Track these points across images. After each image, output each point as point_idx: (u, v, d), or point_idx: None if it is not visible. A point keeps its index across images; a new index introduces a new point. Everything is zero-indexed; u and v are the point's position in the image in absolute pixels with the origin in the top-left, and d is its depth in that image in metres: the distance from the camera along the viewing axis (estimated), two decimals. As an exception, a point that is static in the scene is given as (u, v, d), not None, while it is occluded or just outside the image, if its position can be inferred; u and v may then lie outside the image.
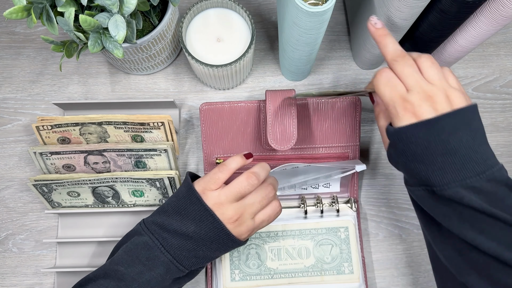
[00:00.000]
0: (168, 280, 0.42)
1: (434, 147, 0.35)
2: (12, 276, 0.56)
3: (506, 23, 0.46)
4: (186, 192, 0.43)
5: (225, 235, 0.42)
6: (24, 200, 0.58)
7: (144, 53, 0.54)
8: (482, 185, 0.35)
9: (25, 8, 0.41)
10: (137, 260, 0.41)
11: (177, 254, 0.42)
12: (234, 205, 0.43)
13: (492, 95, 0.62)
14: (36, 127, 0.53)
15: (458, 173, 0.35)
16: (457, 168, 0.35)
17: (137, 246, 0.42)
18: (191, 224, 0.42)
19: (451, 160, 0.35)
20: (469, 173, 0.35)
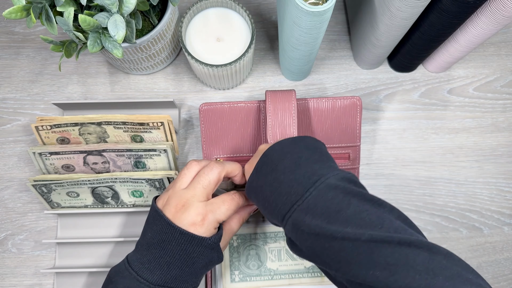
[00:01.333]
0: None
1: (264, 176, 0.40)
2: (11, 277, 0.56)
3: (506, 23, 0.46)
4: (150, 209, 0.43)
5: (169, 227, 0.39)
6: (23, 200, 0.58)
7: (143, 53, 0.53)
8: (310, 204, 0.35)
9: (24, 8, 0.40)
10: (109, 280, 0.41)
11: (138, 267, 0.39)
12: (179, 195, 0.41)
13: (492, 95, 0.62)
14: (35, 127, 0.53)
15: (286, 203, 0.37)
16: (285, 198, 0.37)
17: (114, 268, 0.42)
18: (148, 231, 0.41)
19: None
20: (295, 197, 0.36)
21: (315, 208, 0.35)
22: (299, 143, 0.40)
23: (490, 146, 0.60)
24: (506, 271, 0.57)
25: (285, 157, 0.39)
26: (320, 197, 0.35)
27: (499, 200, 0.59)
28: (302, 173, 0.37)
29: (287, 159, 0.38)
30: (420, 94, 0.62)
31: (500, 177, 0.59)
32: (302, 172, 0.37)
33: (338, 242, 0.32)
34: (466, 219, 0.58)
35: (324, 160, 0.39)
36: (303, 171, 0.37)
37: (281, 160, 0.39)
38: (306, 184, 0.36)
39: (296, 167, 0.37)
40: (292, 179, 0.37)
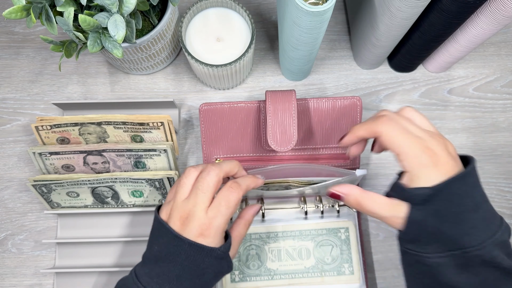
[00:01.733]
0: None
1: (466, 203, 0.33)
2: (11, 277, 0.56)
3: (507, 22, 0.46)
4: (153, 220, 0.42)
5: (177, 239, 0.38)
6: (23, 200, 0.58)
7: (143, 53, 0.53)
8: (505, 239, 0.33)
9: (24, 8, 0.40)
10: None
11: (147, 282, 0.38)
12: (181, 206, 0.40)
13: (492, 95, 0.62)
14: (35, 127, 0.53)
15: (488, 230, 0.33)
16: (486, 224, 0.33)
17: (122, 280, 0.41)
18: (154, 244, 0.40)
19: (480, 216, 0.33)
20: (495, 228, 0.33)
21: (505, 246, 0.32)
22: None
23: (490, 146, 0.60)
24: (506, 271, 0.57)
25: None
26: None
27: (499, 200, 0.59)
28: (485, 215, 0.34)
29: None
30: (420, 94, 0.62)
31: (500, 177, 0.59)
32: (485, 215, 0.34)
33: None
34: (466, 219, 0.58)
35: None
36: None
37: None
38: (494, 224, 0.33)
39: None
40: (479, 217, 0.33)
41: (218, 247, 0.39)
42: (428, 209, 0.34)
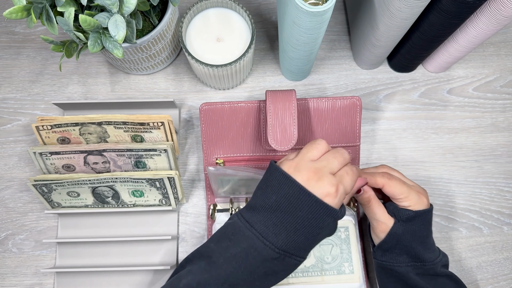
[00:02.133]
0: (256, 261, 0.38)
1: (429, 229, 0.47)
2: (12, 276, 0.56)
3: (506, 23, 0.46)
4: (268, 168, 0.42)
5: (304, 194, 0.38)
6: (23, 200, 0.58)
7: (144, 53, 0.53)
8: (446, 262, 0.48)
9: (24, 8, 0.41)
10: (224, 236, 0.40)
11: (262, 229, 0.38)
12: (309, 164, 0.40)
13: (492, 95, 0.62)
14: (35, 127, 0.53)
15: (436, 253, 0.47)
16: (434, 249, 0.47)
17: (226, 226, 0.41)
18: (272, 194, 0.39)
19: (432, 242, 0.47)
20: (439, 253, 0.47)
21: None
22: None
23: (489, 146, 0.60)
24: (506, 271, 0.57)
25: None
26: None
27: (498, 200, 0.59)
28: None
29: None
30: (420, 94, 0.62)
31: (499, 177, 0.59)
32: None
33: None
34: (466, 219, 0.58)
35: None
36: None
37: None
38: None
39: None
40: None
41: (339, 209, 0.39)
42: (408, 227, 0.45)
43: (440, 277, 0.46)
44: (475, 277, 0.56)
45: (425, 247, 0.46)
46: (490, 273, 0.57)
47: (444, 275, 0.46)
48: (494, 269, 0.57)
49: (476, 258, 0.57)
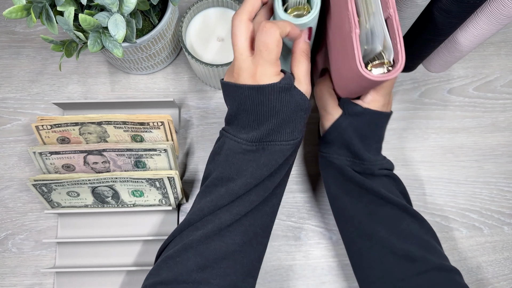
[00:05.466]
0: (237, 159, 0.39)
1: (376, 134, 0.46)
2: (11, 276, 0.56)
3: (506, 22, 0.46)
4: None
5: (236, 88, 0.39)
6: (23, 200, 0.58)
7: (143, 53, 0.53)
8: (389, 167, 0.47)
9: (24, 8, 0.40)
10: (214, 153, 0.42)
11: (235, 133, 0.40)
12: (232, 64, 0.40)
13: (492, 94, 0.62)
14: (35, 126, 0.53)
15: (379, 159, 0.46)
16: (378, 155, 0.46)
17: (214, 146, 0.43)
18: (228, 105, 0.42)
19: (377, 148, 0.46)
20: (383, 160, 0.46)
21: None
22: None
23: (490, 146, 0.60)
24: (506, 271, 0.57)
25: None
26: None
27: (499, 199, 0.59)
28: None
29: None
30: (420, 94, 0.62)
31: (500, 176, 0.59)
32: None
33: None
34: (466, 219, 0.58)
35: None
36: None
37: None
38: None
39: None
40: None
41: (277, 81, 0.38)
42: (352, 121, 0.45)
43: (378, 177, 0.45)
44: (475, 277, 0.56)
45: (366, 147, 0.45)
46: (490, 273, 0.57)
47: (382, 175, 0.45)
48: (495, 269, 0.57)
49: (477, 258, 0.57)
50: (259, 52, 0.38)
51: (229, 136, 0.40)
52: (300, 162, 0.59)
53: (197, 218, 0.39)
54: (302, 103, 0.40)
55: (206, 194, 0.40)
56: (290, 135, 0.40)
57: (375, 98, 0.44)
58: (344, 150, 0.46)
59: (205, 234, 0.38)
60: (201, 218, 0.39)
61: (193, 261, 0.37)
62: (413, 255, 0.40)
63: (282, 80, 0.38)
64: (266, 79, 0.38)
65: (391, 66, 0.36)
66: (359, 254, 0.45)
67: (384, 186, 0.44)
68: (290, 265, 0.56)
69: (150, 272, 0.39)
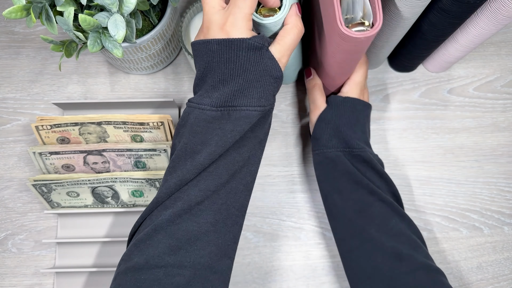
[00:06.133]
0: (201, 128, 0.37)
1: (360, 121, 0.50)
2: (11, 277, 0.56)
3: (507, 22, 0.46)
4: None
5: (203, 44, 0.37)
6: (23, 200, 0.58)
7: (143, 53, 0.53)
8: (374, 155, 0.50)
9: (24, 8, 0.40)
10: (178, 127, 0.40)
11: (198, 100, 0.38)
12: (206, 18, 0.38)
13: (493, 95, 0.62)
14: (35, 127, 0.53)
15: (367, 145, 0.49)
16: (366, 143, 0.50)
17: (179, 119, 0.41)
18: (196, 69, 0.39)
19: (365, 136, 0.50)
20: (369, 148, 0.50)
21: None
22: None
23: (490, 146, 0.60)
24: (506, 271, 0.57)
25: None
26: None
27: (499, 200, 0.59)
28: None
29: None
30: (420, 94, 0.62)
31: (500, 177, 0.59)
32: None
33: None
34: (466, 219, 0.58)
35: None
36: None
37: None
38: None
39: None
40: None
41: (248, 37, 0.36)
42: (336, 110, 0.49)
43: (372, 170, 0.47)
44: (475, 277, 0.56)
45: (353, 134, 0.48)
46: (490, 273, 0.56)
47: (376, 170, 0.47)
48: (495, 269, 0.57)
49: (477, 259, 0.57)
50: (233, 2, 0.36)
51: (192, 105, 0.38)
52: (300, 162, 0.59)
53: (164, 196, 0.36)
54: (272, 67, 0.37)
55: (171, 170, 0.37)
56: (257, 100, 0.37)
57: (351, 87, 0.50)
58: (333, 140, 0.48)
59: (175, 213, 0.35)
60: (169, 196, 0.36)
61: (164, 243, 0.34)
62: (401, 253, 0.41)
63: (254, 38, 0.36)
64: (237, 32, 0.36)
65: (371, 28, 0.37)
66: (350, 252, 0.45)
67: (374, 181, 0.47)
68: (290, 265, 0.56)
69: (122, 257, 0.36)
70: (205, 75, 0.38)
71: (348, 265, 0.46)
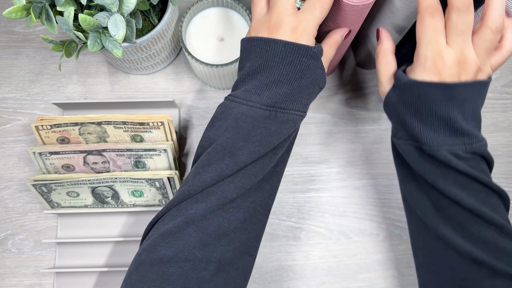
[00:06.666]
0: (247, 124, 0.36)
1: (437, 110, 0.36)
2: (11, 277, 0.56)
3: (507, 22, 0.46)
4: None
5: (268, 43, 0.37)
6: (23, 200, 0.58)
7: (143, 53, 0.53)
8: (465, 155, 0.36)
9: (24, 8, 0.40)
10: (215, 119, 0.39)
11: (244, 95, 0.37)
12: (264, 18, 0.39)
13: (493, 94, 0.62)
14: (35, 127, 0.53)
15: (449, 140, 0.36)
16: (449, 135, 0.36)
17: (216, 111, 0.39)
18: (246, 63, 0.39)
19: (446, 127, 0.37)
20: (458, 142, 0.36)
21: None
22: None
23: (490, 146, 0.60)
24: (506, 271, 0.57)
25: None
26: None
27: (499, 200, 0.59)
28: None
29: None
30: (420, 94, 0.61)
31: (500, 177, 0.59)
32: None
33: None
34: (466, 219, 0.58)
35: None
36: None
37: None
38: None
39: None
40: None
41: (313, 46, 0.37)
42: (400, 95, 0.39)
43: (454, 172, 0.36)
44: (475, 277, 0.56)
45: (428, 126, 0.37)
46: (490, 273, 0.56)
47: (459, 172, 0.36)
48: (495, 269, 0.57)
49: (477, 258, 0.57)
50: (311, 7, 0.37)
51: (238, 100, 0.37)
52: (300, 162, 0.59)
53: (198, 189, 0.35)
54: (321, 77, 0.39)
55: (206, 163, 0.36)
56: (303, 106, 0.38)
57: (420, 62, 0.37)
58: (402, 131, 0.40)
59: (208, 208, 0.35)
60: (202, 189, 0.35)
61: (195, 237, 0.34)
62: (481, 260, 0.35)
63: (317, 47, 0.37)
64: (305, 39, 0.37)
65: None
66: (421, 240, 0.40)
67: (457, 184, 0.37)
68: (290, 266, 0.56)
69: (143, 247, 0.35)
70: (258, 72, 0.37)
71: (418, 252, 0.42)
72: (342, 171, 0.59)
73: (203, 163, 0.37)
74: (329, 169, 0.59)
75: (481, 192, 0.36)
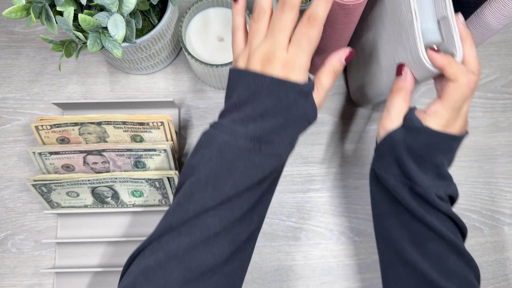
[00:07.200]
0: (231, 155, 0.36)
1: (435, 158, 0.40)
2: (11, 277, 0.56)
3: (507, 22, 0.46)
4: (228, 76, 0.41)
5: (256, 78, 0.37)
6: (23, 200, 0.58)
7: (143, 53, 0.53)
8: (445, 197, 0.41)
9: (24, 8, 0.40)
10: (199, 147, 0.38)
11: (230, 126, 0.37)
12: (259, 49, 0.38)
13: (493, 94, 0.62)
14: (35, 127, 0.53)
15: (436, 182, 0.40)
16: (436, 178, 0.40)
17: (200, 138, 0.39)
18: (233, 93, 0.38)
19: (435, 171, 0.40)
20: (441, 185, 0.40)
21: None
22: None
23: (490, 146, 0.60)
24: (506, 271, 0.57)
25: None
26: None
27: (499, 200, 0.59)
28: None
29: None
30: (420, 94, 0.61)
31: (500, 177, 0.59)
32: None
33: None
34: (466, 219, 0.58)
35: None
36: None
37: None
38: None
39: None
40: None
41: (302, 83, 0.37)
42: (407, 137, 0.40)
43: (436, 210, 0.40)
44: (475, 278, 0.56)
45: (422, 169, 0.40)
46: (490, 273, 0.56)
47: (440, 211, 0.40)
48: (495, 269, 0.57)
49: (477, 259, 0.57)
50: (297, 43, 0.36)
51: (223, 129, 0.37)
52: (300, 162, 0.59)
53: (180, 221, 0.34)
54: (311, 113, 0.38)
55: (188, 194, 0.35)
56: (289, 142, 0.38)
57: (438, 111, 0.39)
58: (395, 167, 0.41)
59: (192, 243, 0.33)
60: (185, 222, 0.34)
61: (177, 274, 0.33)
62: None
63: (308, 84, 0.37)
64: (296, 74, 0.37)
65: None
66: (396, 278, 0.42)
67: (438, 219, 0.40)
68: (290, 266, 0.56)
69: (124, 285, 0.33)
70: (245, 104, 0.37)
71: (390, 286, 0.43)
72: (342, 171, 0.59)
73: (185, 193, 0.36)
74: (329, 169, 0.59)
75: (452, 225, 0.40)
